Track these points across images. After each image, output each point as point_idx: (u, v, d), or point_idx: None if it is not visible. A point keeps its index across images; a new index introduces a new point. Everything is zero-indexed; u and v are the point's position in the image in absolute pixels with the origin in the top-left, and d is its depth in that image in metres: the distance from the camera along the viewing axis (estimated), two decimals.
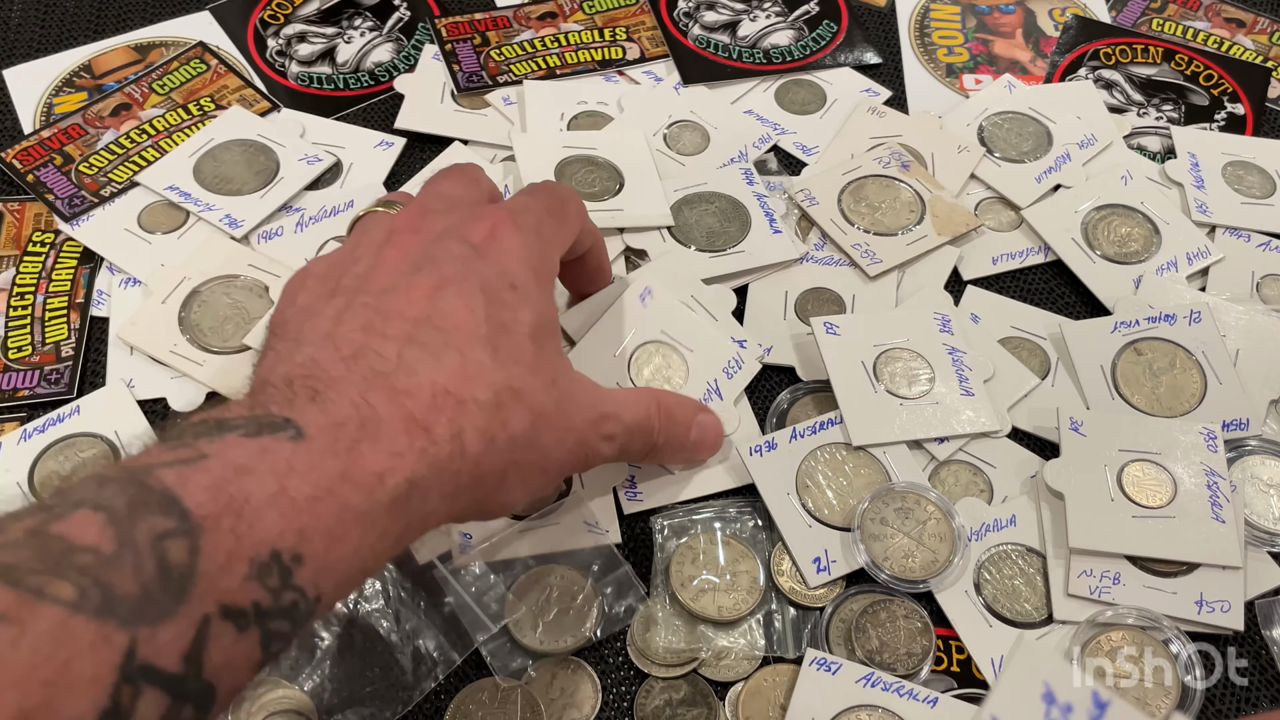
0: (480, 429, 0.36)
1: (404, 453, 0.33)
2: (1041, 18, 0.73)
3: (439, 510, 0.35)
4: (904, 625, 0.47)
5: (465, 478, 0.35)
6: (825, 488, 0.50)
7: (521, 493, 0.39)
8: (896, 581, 0.48)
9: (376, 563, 0.33)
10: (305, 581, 0.30)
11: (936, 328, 0.55)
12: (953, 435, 0.52)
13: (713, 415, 0.49)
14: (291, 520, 0.30)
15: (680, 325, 0.54)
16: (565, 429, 0.40)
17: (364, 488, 0.32)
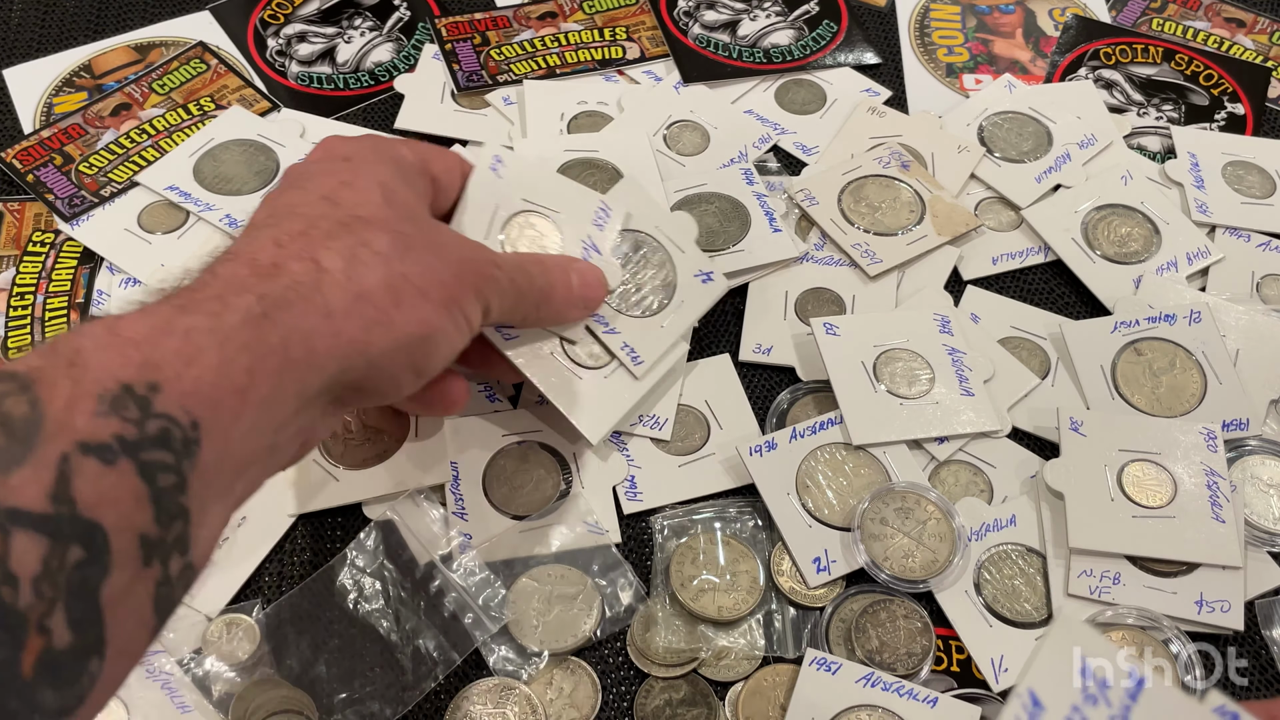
0: (336, 250, 0.36)
1: (245, 280, 0.34)
2: (1041, 17, 0.73)
3: (321, 328, 0.34)
4: (904, 625, 0.47)
5: (338, 294, 0.35)
6: (825, 488, 0.50)
7: (428, 309, 0.38)
8: (896, 581, 0.48)
9: (256, 382, 0.32)
10: (170, 407, 0.30)
11: (936, 328, 0.55)
12: (953, 435, 0.52)
13: (589, 265, 0.48)
14: (130, 355, 0.30)
15: (541, 188, 0.51)
16: (441, 247, 0.40)
17: (206, 311, 0.32)
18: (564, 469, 0.52)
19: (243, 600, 0.48)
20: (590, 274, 0.48)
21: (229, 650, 0.46)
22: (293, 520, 0.50)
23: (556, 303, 0.46)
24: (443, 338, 0.39)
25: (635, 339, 0.50)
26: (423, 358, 0.39)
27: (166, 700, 0.45)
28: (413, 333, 0.37)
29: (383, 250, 0.37)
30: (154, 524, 0.29)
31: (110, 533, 0.28)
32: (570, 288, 0.47)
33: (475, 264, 0.41)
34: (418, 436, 0.52)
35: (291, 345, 0.34)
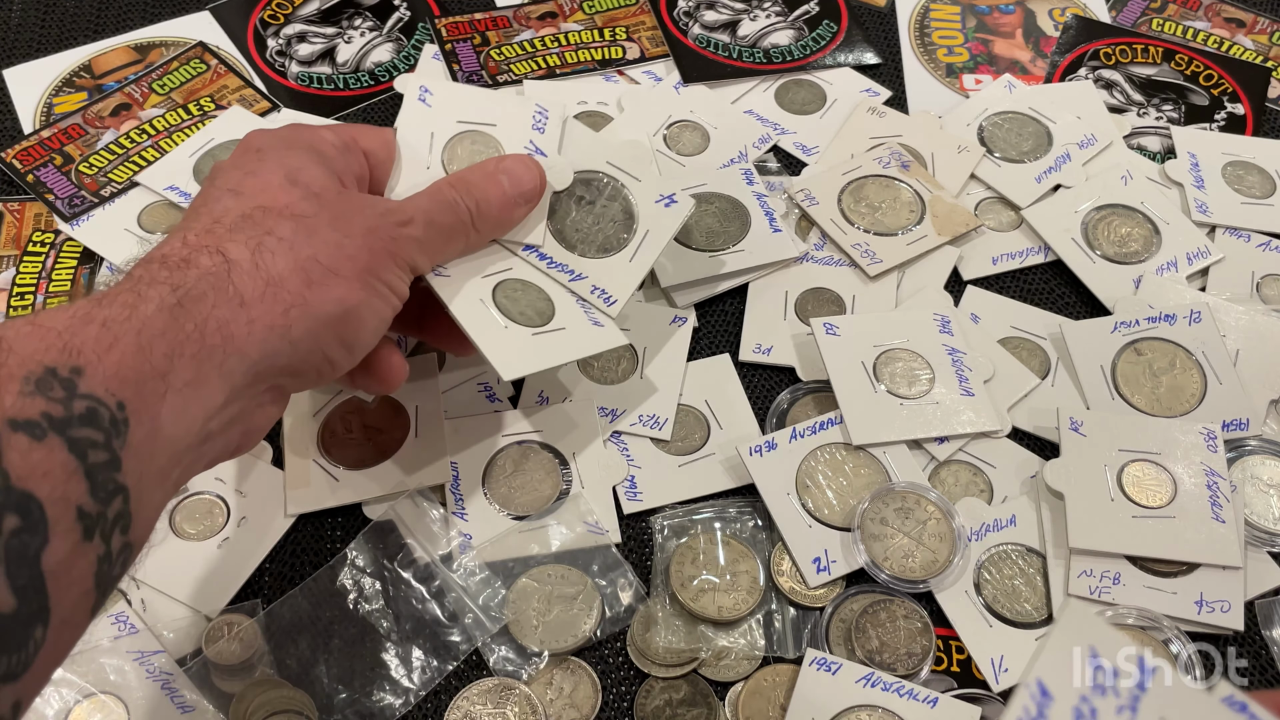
0: (240, 242, 0.37)
1: (156, 275, 0.35)
2: (1041, 18, 0.73)
3: (236, 317, 0.35)
4: (904, 625, 0.47)
5: (249, 283, 0.36)
6: (825, 488, 0.50)
7: (341, 286, 0.38)
8: (896, 581, 0.48)
9: (176, 366, 0.34)
10: (95, 388, 0.31)
11: (936, 328, 0.55)
12: (953, 435, 0.52)
13: (514, 157, 0.47)
14: (52, 341, 0.31)
15: (471, 106, 0.51)
16: (345, 221, 0.40)
17: (121, 304, 0.34)
18: (564, 469, 0.52)
19: (243, 600, 0.48)
20: (517, 167, 0.47)
21: (229, 650, 0.46)
22: (293, 520, 0.50)
23: (493, 214, 0.45)
24: (366, 309, 0.40)
25: (604, 279, 0.49)
26: (350, 332, 0.39)
27: (166, 700, 0.45)
28: (330, 310, 0.38)
29: (286, 236, 0.38)
30: (90, 498, 0.30)
31: (45, 503, 0.29)
32: (502, 191, 0.46)
33: (382, 230, 0.41)
34: (418, 436, 0.52)
35: (208, 333, 0.35)
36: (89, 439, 0.31)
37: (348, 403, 0.53)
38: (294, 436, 0.52)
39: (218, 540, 0.49)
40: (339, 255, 0.39)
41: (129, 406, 0.32)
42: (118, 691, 0.45)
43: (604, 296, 0.48)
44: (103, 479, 0.31)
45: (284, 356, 0.37)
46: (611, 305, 0.48)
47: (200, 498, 0.50)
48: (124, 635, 0.46)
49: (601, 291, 0.49)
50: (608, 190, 0.50)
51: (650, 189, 0.51)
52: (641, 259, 0.50)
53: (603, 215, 0.50)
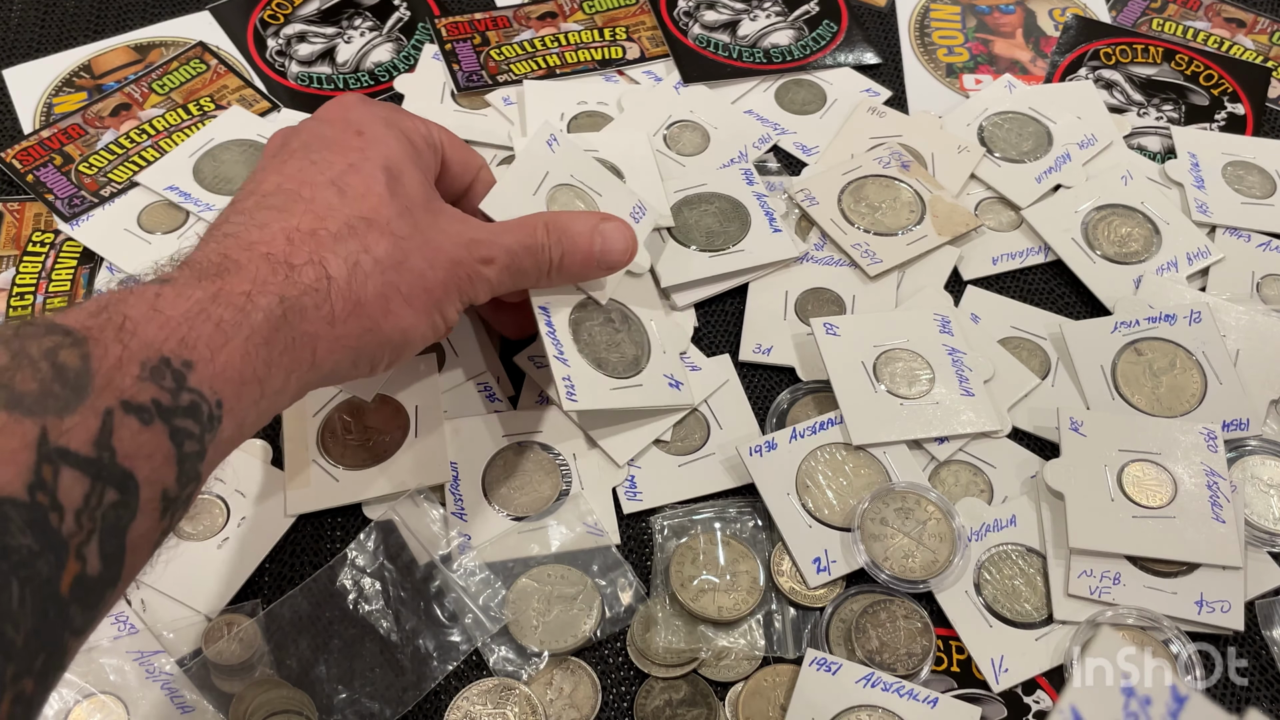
0: (341, 257, 0.39)
1: (268, 279, 0.37)
2: (1041, 18, 0.73)
3: (324, 334, 0.38)
4: (904, 625, 0.47)
5: (341, 303, 0.38)
6: (825, 488, 0.50)
7: (411, 317, 0.41)
8: (896, 581, 0.48)
9: (271, 374, 0.36)
10: (201, 384, 0.33)
11: (936, 328, 0.55)
12: (953, 435, 0.52)
13: (619, 221, 0.49)
14: (171, 331, 0.33)
15: (588, 171, 0.54)
16: (434, 250, 0.41)
17: (235, 306, 0.35)
18: (563, 470, 0.52)
19: (243, 600, 0.48)
20: (615, 234, 0.48)
21: (229, 650, 0.46)
22: (293, 520, 0.50)
23: (573, 269, 0.47)
24: (419, 337, 0.42)
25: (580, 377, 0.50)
26: (397, 354, 0.42)
27: (166, 700, 0.45)
28: (394, 338, 0.41)
29: (381, 259, 0.40)
30: (175, 483, 0.33)
31: (141, 483, 0.31)
32: (592, 252, 0.47)
33: (465, 266, 0.43)
34: (417, 437, 0.52)
35: (301, 347, 0.37)
36: (187, 430, 0.33)
37: (347, 403, 0.53)
38: (294, 437, 0.52)
39: (218, 540, 0.49)
40: (419, 287, 0.41)
41: (226, 405, 0.34)
42: (118, 691, 0.45)
43: (569, 388, 0.48)
44: (189, 467, 0.33)
45: (344, 370, 0.40)
46: (572, 399, 0.48)
47: (200, 498, 0.50)
48: (124, 635, 0.46)
49: (569, 383, 0.48)
50: (630, 323, 0.53)
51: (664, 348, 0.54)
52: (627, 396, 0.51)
53: (617, 341, 0.52)
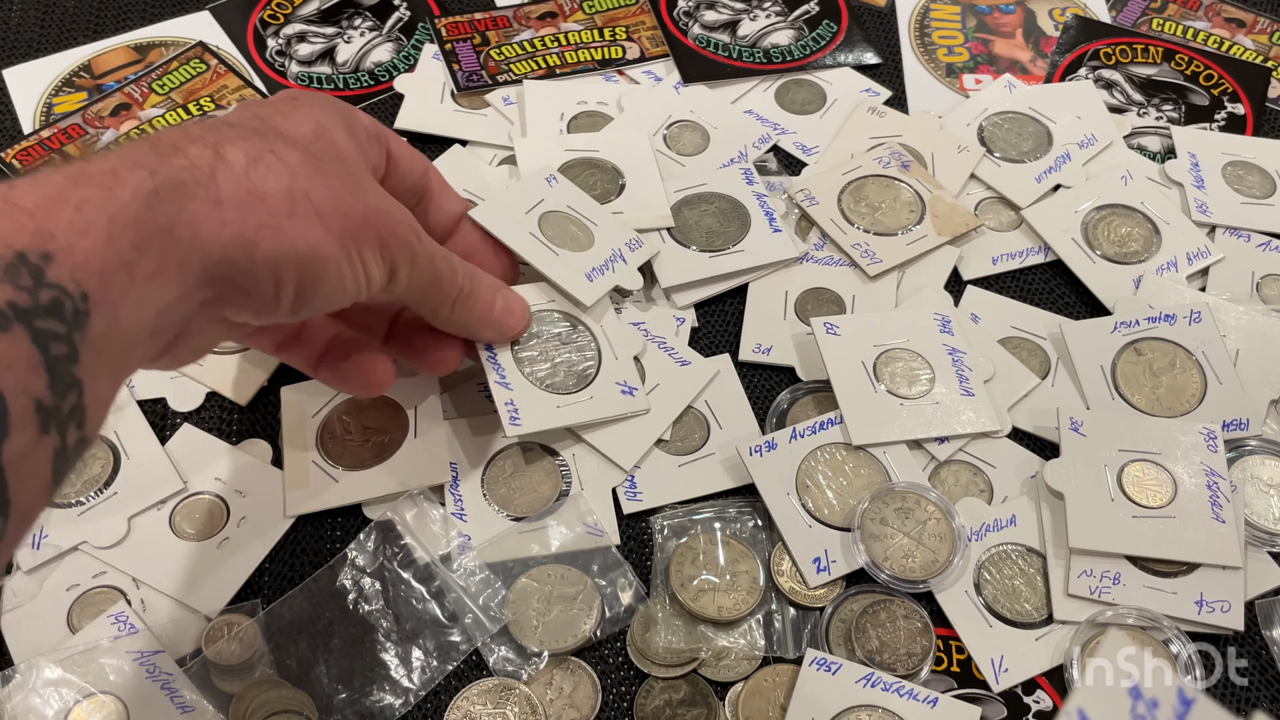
0: (243, 148, 0.36)
1: (142, 156, 0.34)
2: (1041, 17, 0.73)
3: (208, 215, 0.34)
4: (904, 625, 0.47)
5: (232, 186, 0.35)
6: (825, 488, 0.50)
7: (321, 234, 0.37)
8: (896, 581, 0.48)
9: (142, 259, 0.32)
10: (61, 277, 0.30)
11: (936, 328, 0.55)
12: (953, 435, 0.52)
13: (518, 297, 0.49)
14: (25, 223, 0.30)
15: (584, 204, 0.56)
16: (360, 189, 0.39)
17: (98, 184, 0.32)
18: (563, 470, 0.52)
19: (243, 600, 0.48)
20: (516, 304, 0.49)
21: (229, 650, 0.46)
22: (292, 520, 0.50)
23: (474, 312, 0.46)
24: (333, 270, 0.38)
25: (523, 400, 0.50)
26: (309, 281, 0.38)
27: (166, 700, 0.45)
28: (300, 250, 0.36)
29: (291, 163, 0.37)
30: (49, 391, 0.30)
31: (7, 396, 0.28)
32: (492, 306, 0.47)
33: (392, 220, 0.40)
34: (417, 437, 0.52)
35: (178, 226, 0.33)
36: (52, 331, 0.30)
37: (347, 403, 0.53)
38: (293, 437, 0.52)
39: (218, 540, 0.49)
40: (333, 205, 0.37)
41: (92, 299, 0.31)
42: (117, 691, 0.45)
43: (512, 413, 0.48)
44: (61, 372, 0.30)
45: (240, 270, 0.35)
46: (515, 424, 0.48)
47: (200, 498, 0.50)
48: (124, 635, 0.46)
49: (512, 407, 0.49)
50: (584, 343, 0.52)
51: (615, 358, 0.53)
52: None
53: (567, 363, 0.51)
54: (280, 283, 0.37)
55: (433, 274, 0.43)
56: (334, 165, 0.39)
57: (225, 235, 0.35)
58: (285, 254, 0.36)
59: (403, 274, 0.41)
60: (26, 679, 0.45)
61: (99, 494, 0.50)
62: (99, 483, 0.50)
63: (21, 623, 0.47)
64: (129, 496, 0.50)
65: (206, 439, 0.52)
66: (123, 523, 0.49)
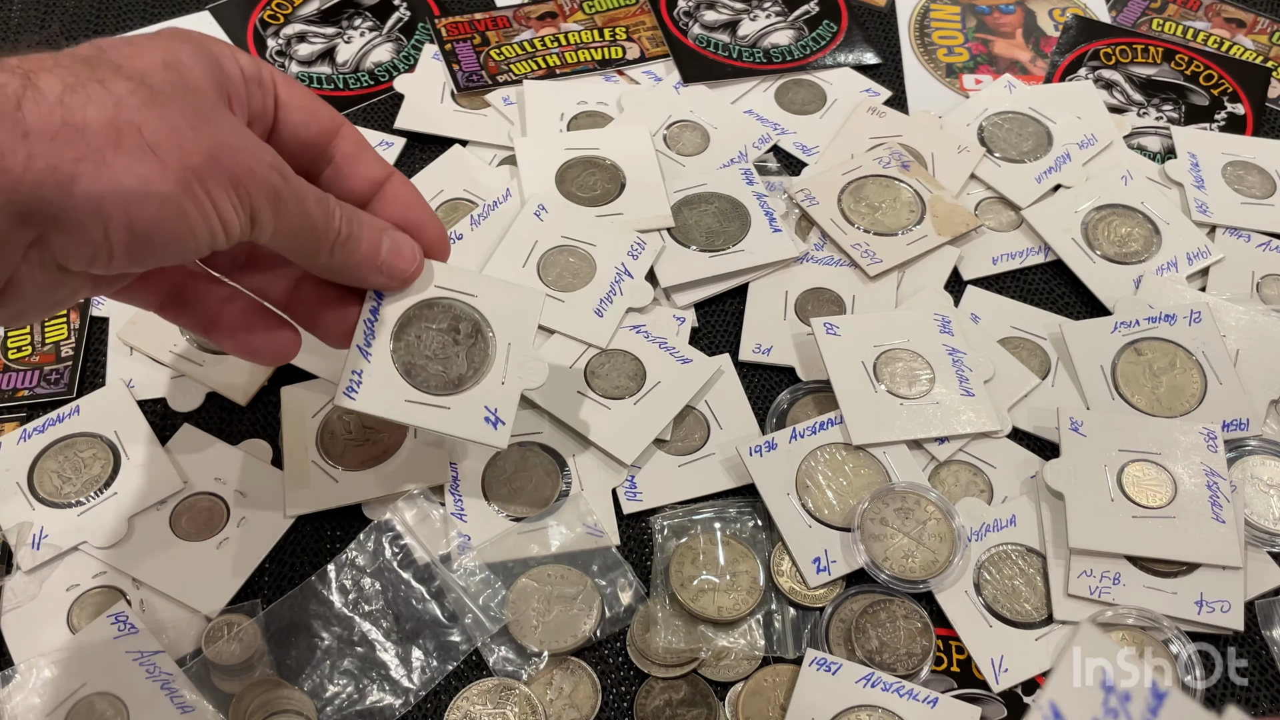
0: (59, 76, 0.32)
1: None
2: (1041, 18, 0.73)
3: (12, 148, 0.31)
4: (904, 625, 0.47)
5: (41, 115, 0.31)
6: (825, 488, 0.50)
7: (154, 167, 0.33)
8: (896, 581, 0.48)
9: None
10: None
11: (937, 328, 0.55)
12: (953, 435, 0.52)
13: (406, 238, 0.43)
14: None
15: (580, 228, 0.57)
16: (204, 120, 0.34)
17: None
18: (563, 470, 0.52)
19: (243, 600, 0.48)
20: (405, 245, 0.43)
21: (229, 650, 0.46)
22: (292, 520, 0.50)
23: (357, 255, 0.41)
24: (172, 211, 0.33)
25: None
26: (143, 223, 0.33)
27: (166, 700, 0.45)
28: (130, 187, 0.32)
29: (118, 93, 0.32)
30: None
31: None
32: (377, 249, 0.42)
33: (248, 156, 0.35)
34: (416, 437, 0.52)
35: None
36: None
37: None
38: (292, 437, 0.52)
39: (218, 540, 0.49)
40: (170, 138, 0.33)
41: None
42: (118, 691, 0.45)
43: (352, 384, 0.44)
44: None
45: (58, 208, 0.32)
46: (349, 396, 0.43)
47: (200, 498, 0.50)
48: (124, 635, 0.46)
49: (356, 377, 0.44)
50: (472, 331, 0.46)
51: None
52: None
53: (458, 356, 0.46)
54: (108, 224, 0.33)
55: (303, 216, 0.38)
56: (177, 98, 0.34)
57: (35, 169, 0.31)
58: (109, 190, 0.32)
59: (266, 217, 0.36)
60: (26, 679, 0.45)
61: (99, 494, 0.50)
62: (99, 483, 0.50)
63: (21, 623, 0.47)
64: (129, 496, 0.50)
65: (206, 439, 0.52)
66: (123, 523, 0.49)
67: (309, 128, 0.42)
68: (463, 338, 0.46)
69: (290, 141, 0.41)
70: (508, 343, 0.46)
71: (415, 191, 0.45)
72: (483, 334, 0.46)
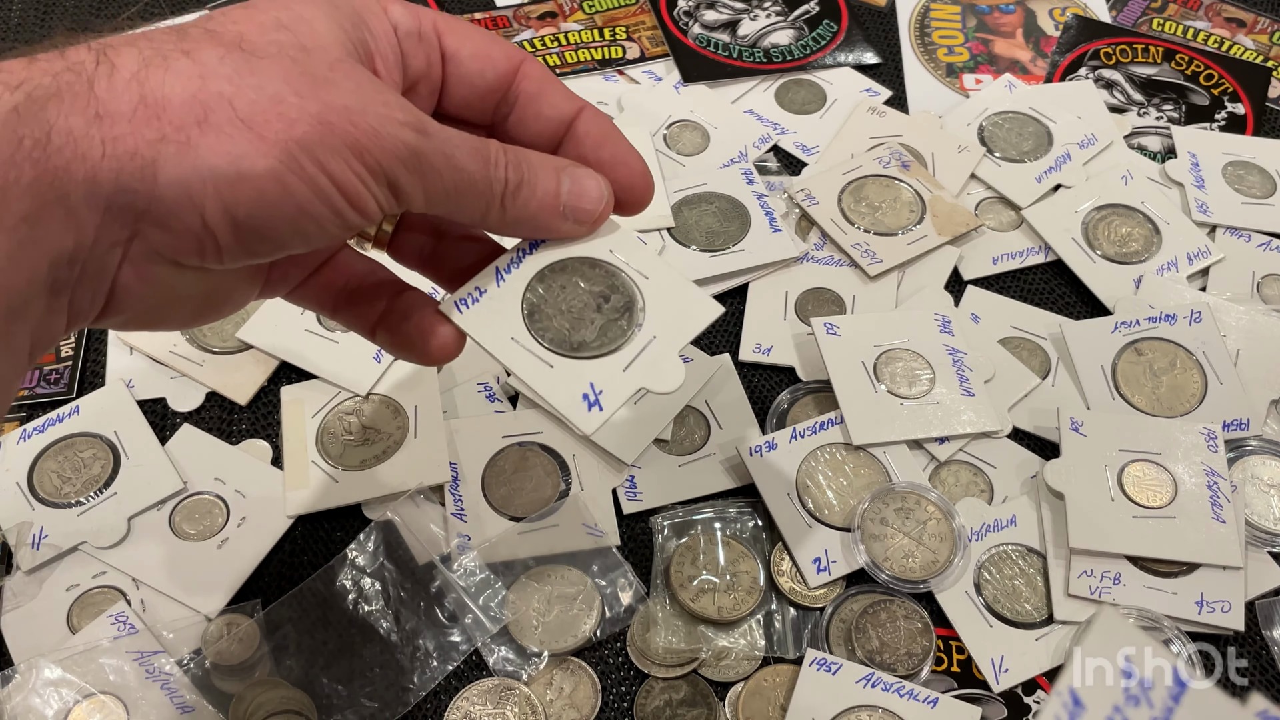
0: (138, 50, 0.28)
1: (13, 69, 0.27)
2: (1042, 17, 0.73)
3: (85, 132, 0.27)
4: (904, 625, 0.47)
5: (116, 94, 0.27)
6: (825, 488, 0.50)
7: (249, 143, 0.28)
8: (897, 582, 0.48)
9: (6, 199, 0.26)
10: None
11: (937, 328, 0.55)
12: (954, 435, 0.52)
13: (587, 170, 0.36)
14: None
15: None
16: (314, 83, 0.29)
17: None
18: (563, 470, 0.52)
19: (243, 600, 0.48)
20: (588, 182, 0.36)
21: (229, 650, 0.46)
22: (292, 520, 0.50)
23: (532, 204, 0.35)
24: (280, 191, 0.29)
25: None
26: (247, 210, 0.29)
27: (166, 700, 0.45)
28: (219, 168, 0.28)
29: (206, 62, 0.28)
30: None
31: None
32: (555, 192, 0.35)
33: (371, 116, 0.30)
34: (417, 437, 0.52)
35: (52, 150, 0.27)
36: None
37: (347, 403, 0.53)
38: (292, 437, 0.52)
39: (218, 540, 0.49)
40: (269, 108, 0.28)
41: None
42: (117, 691, 0.45)
43: (465, 299, 0.38)
44: None
45: (146, 199, 0.28)
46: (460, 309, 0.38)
47: (200, 498, 0.50)
48: (124, 635, 0.46)
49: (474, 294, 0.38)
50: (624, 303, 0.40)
51: None
52: None
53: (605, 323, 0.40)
54: (204, 211, 0.28)
55: (455, 171, 0.32)
56: (282, 60, 0.29)
57: (115, 156, 0.27)
58: (196, 173, 0.28)
59: (408, 182, 0.31)
60: (26, 679, 0.45)
61: (99, 494, 0.50)
62: (99, 483, 0.50)
63: (21, 623, 0.47)
64: (129, 496, 0.50)
65: (206, 439, 0.52)
66: (123, 523, 0.49)
67: (485, 76, 0.36)
68: (609, 308, 0.40)
69: (467, 94, 0.36)
70: (654, 335, 0.40)
71: (610, 124, 0.38)
72: (633, 314, 0.40)
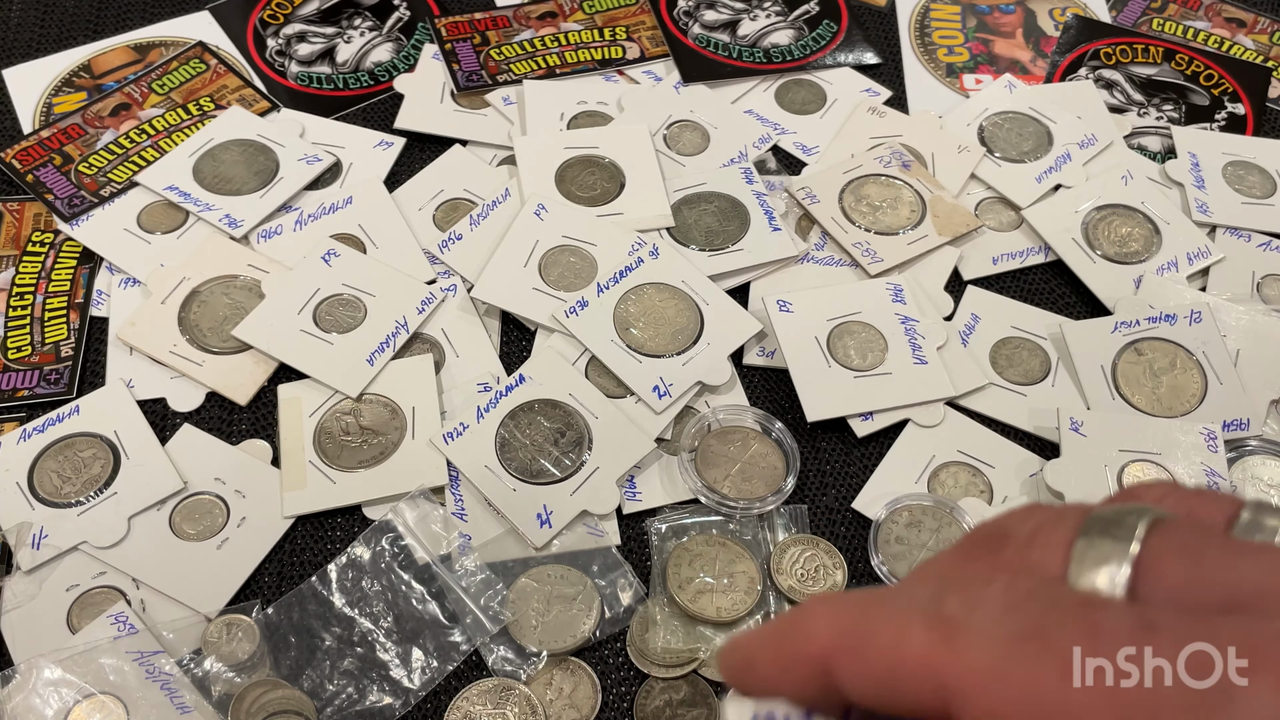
0: None
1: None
2: (1042, 17, 0.73)
3: None
4: None
5: None
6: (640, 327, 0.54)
7: None
8: (894, 580, 0.48)
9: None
10: None
11: (889, 297, 0.55)
12: (907, 404, 0.53)
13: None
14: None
15: (580, 228, 0.57)
16: None
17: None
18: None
19: (242, 600, 0.48)
20: None
21: (229, 650, 0.46)
22: (292, 521, 0.50)
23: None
24: None
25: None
26: None
27: (166, 700, 0.45)
28: None
29: None
30: None
31: None
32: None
33: None
34: (415, 438, 0.52)
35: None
36: None
37: (345, 403, 0.53)
38: (290, 439, 0.52)
39: (218, 540, 0.49)
40: None
41: None
42: (117, 691, 0.45)
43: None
44: None
45: None
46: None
47: (200, 498, 0.50)
48: (124, 635, 0.46)
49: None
50: None
51: None
52: None
53: None
54: None
55: None
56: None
57: None
58: None
59: None
60: (26, 679, 0.45)
61: (99, 494, 0.50)
62: (99, 483, 0.50)
63: (21, 623, 0.47)
64: (129, 496, 0.50)
65: (206, 439, 0.52)
66: (123, 523, 0.49)
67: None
68: (564, 442, 0.51)
69: None
70: (597, 466, 0.51)
71: None
72: (581, 449, 0.51)
